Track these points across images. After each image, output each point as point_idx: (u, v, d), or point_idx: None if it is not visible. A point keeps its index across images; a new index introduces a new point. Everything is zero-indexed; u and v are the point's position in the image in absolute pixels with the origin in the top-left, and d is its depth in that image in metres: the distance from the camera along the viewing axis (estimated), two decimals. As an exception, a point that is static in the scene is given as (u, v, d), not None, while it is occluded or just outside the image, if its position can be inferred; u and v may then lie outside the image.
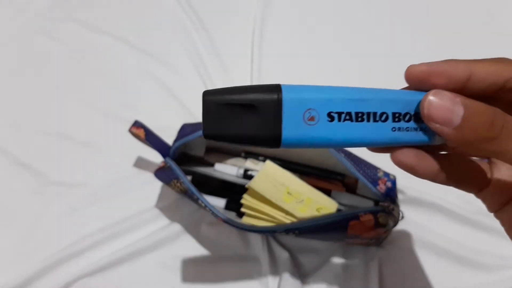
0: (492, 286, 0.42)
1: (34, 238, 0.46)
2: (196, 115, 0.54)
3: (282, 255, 0.43)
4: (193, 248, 0.45)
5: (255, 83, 0.56)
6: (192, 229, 0.46)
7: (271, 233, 0.42)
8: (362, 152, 0.41)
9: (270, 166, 0.42)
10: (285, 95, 0.19)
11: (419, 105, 0.20)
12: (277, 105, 0.19)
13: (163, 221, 0.47)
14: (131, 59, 0.60)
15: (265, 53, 0.59)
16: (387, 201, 0.38)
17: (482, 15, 0.62)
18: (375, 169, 0.40)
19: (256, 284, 0.43)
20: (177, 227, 0.46)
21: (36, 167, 0.50)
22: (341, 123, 0.19)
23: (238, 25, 0.63)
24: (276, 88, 0.19)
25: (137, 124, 0.44)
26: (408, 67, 0.21)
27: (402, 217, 0.39)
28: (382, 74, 0.57)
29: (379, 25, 0.62)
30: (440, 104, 0.19)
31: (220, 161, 0.46)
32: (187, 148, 0.46)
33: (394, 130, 0.20)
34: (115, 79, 0.58)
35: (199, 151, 0.46)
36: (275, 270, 0.43)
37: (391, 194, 0.39)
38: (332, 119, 0.19)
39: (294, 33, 0.62)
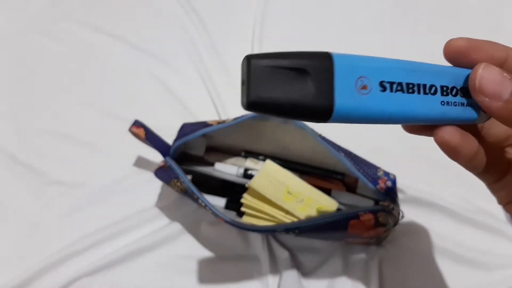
0: (492, 285, 0.42)
1: (34, 237, 0.46)
2: (196, 115, 0.54)
3: (282, 254, 0.43)
4: (193, 248, 0.45)
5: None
6: (192, 229, 0.46)
7: (271, 232, 0.42)
8: (362, 152, 0.41)
9: (270, 166, 0.42)
10: (337, 61, 0.18)
11: (466, 80, 0.20)
12: (330, 71, 0.18)
13: (163, 220, 0.47)
14: (131, 59, 0.60)
15: (265, 51, 0.59)
16: (387, 201, 0.38)
17: (483, 15, 0.62)
18: (375, 168, 0.40)
19: (256, 284, 0.43)
20: (177, 226, 0.46)
21: (36, 167, 0.50)
22: (393, 93, 0.19)
23: (238, 24, 0.63)
24: (326, 55, 0.18)
25: (137, 124, 0.44)
26: (448, 41, 0.20)
27: (402, 217, 0.39)
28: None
29: (380, 25, 0.62)
30: (491, 78, 0.19)
31: (220, 160, 0.46)
32: (187, 148, 0.46)
33: (443, 104, 0.20)
34: (115, 79, 0.58)
35: (199, 151, 0.46)
36: (275, 269, 0.43)
37: (391, 194, 0.39)
38: (384, 88, 0.19)
39: (294, 32, 0.62)
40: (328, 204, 0.41)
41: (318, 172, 0.45)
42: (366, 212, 0.37)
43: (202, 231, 0.46)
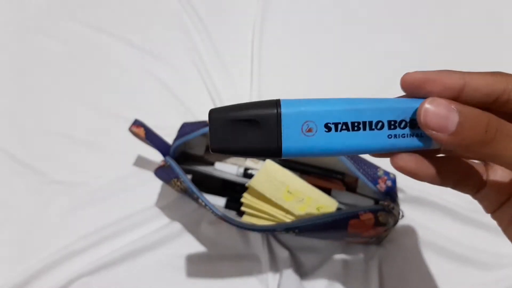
0: (491, 284, 0.42)
1: (34, 237, 0.46)
2: (196, 114, 0.54)
3: (282, 254, 0.44)
4: (193, 247, 0.45)
5: (255, 81, 0.56)
6: (192, 228, 0.46)
7: (271, 232, 0.42)
8: (362, 151, 0.41)
9: (270, 165, 0.42)
10: (284, 110, 0.20)
11: (415, 112, 0.21)
12: (277, 119, 0.20)
13: (163, 220, 0.47)
14: (131, 58, 0.60)
15: (265, 51, 0.59)
16: (387, 200, 0.38)
17: (482, 16, 0.62)
18: (375, 168, 0.40)
19: (256, 283, 0.43)
20: (177, 226, 0.46)
21: (37, 166, 0.51)
22: (338, 133, 0.21)
23: (238, 23, 0.63)
24: (275, 104, 0.21)
25: (137, 123, 0.44)
26: (404, 75, 0.21)
27: (402, 216, 0.39)
28: (382, 69, 0.57)
29: (378, 19, 0.62)
30: (436, 112, 0.20)
31: (220, 160, 0.46)
32: (187, 147, 0.46)
33: (390, 137, 0.21)
34: (115, 78, 0.58)
35: (199, 150, 0.46)
36: (275, 268, 0.43)
37: (391, 193, 0.39)
38: (329, 129, 0.21)
39: (294, 31, 0.62)
40: (328, 203, 0.41)
41: (318, 172, 0.45)
42: (366, 212, 0.37)
43: (202, 230, 0.46)
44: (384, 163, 0.41)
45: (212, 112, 0.22)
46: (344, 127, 0.21)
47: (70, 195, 0.49)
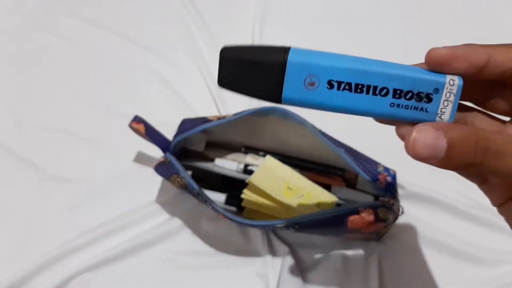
0: (492, 281, 0.42)
1: (34, 233, 0.46)
2: (196, 110, 0.54)
3: (282, 249, 0.44)
4: (193, 243, 0.45)
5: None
6: (193, 224, 0.46)
7: (271, 228, 0.42)
8: (362, 147, 0.41)
9: (270, 161, 0.42)
10: (291, 58, 0.20)
11: (423, 85, 0.20)
12: (282, 67, 0.20)
13: (163, 216, 0.47)
14: (131, 55, 0.60)
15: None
16: (387, 196, 0.38)
17: (482, 10, 0.62)
18: (375, 164, 0.40)
19: (256, 279, 0.43)
20: (177, 222, 0.46)
21: (36, 162, 0.50)
22: (339, 91, 0.20)
23: (238, 19, 0.62)
24: (284, 50, 0.21)
25: (137, 119, 0.44)
26: (429, 51, 0.21)
27: (402, 212, 0.39)
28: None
29: (380, 19, 0.62)
30: (424, 143, 0.20)
31: (220, 156, 0.46)
32: (187, 143, 0.46)
33: (393, 106, 0.21)
34: (115, 74, 0.58)
35: (199, 146, 0.46)
36: (275, 264, 0.43)
37: (391, 189, 0.39)
38: (331, 86, 0.20)
39: (294, 27, 0.62)
40: (328, 199, 0.41)
41: (318, 168, 0.45)
42: (366, 208, 0.37)
43: (202, 226, 0.46)
44: (384, 159, 0.41)
45: (224, 51, 0.22)
46: (347, 87, 0.20)
47: (70, 191, 0.49)
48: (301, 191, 0.41)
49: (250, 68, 0.21)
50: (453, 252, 0.44)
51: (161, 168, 0.43)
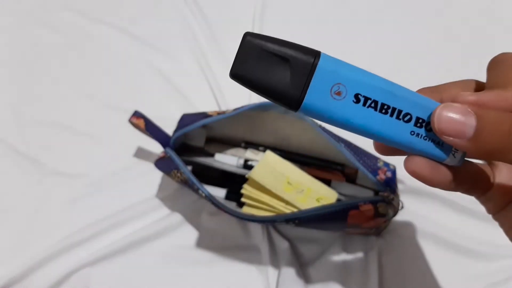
0: (491, 275, 0.43)
1: (34, 228, 0.46)
2: (196, 105, 0.54)
3: (282, 244, 0.44)
4: (194, 238, 0.45)
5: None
6: (193, 219, 0.46)
7: (271, 222, 0.42)
8: (362, 143, 0.41)
9: (270, 156, 0.42)
10: (322, 63, 0.19)
11: None
12: (311, 68, 0.19)
13: (164, 211, 0.47)
14: (131, 50, 0.59)
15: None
16: (387, 191, 0.38)
17: (482, 8, 0.61)
18: (375, 159, 0.40)
19: (256, 273, 0.43)
20: (177, 217, 0.46)
21: (36, 158, 0.51)
22: (364, 108, 0.20)
23: (239, 15, 0.62)
24: (315, 53, 0.19)
25: (137, 114, 0.44)
26: (457, 97, 0.20)
27: (402, 207, 0.39)
28: (384, 62, 0.57)
29: (380, 11, 0.62)
30: (450, 117, 0.19)
31: (220, 151, 0.46)
32: (187, 138, 0.46)
33: (413, 134, 0.20)
34: (114, 69, 0.58)
35: (199, 141, 0.46)
36: (275, 259, 0.43)
37: (391, 184, 0.39)
38: (358, 101, 0.19)
39: (294, 21, 0.62)
40: (328, 194, 0.41)
41: (318, 163, 0.45)
42: (366, 203, 0.37)
43: (202, 221, 0.46)
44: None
45: (247, 35, 0.20)
46: (373, 104, 0.19)
47: (70, 186, 0.49)
48: (301, 186, 0.41)
49: (274, 61, 0.19)
50: (452, 247, 0.44)
51: (161, 163, 0.43)
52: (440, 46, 0.58)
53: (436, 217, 0.46)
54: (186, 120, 0.43)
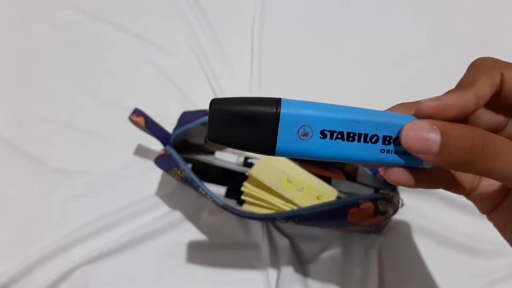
0: (491, 273, 0.43)
1: (34, 226, 0.46)
2: (196, 103, 0.54)
3: (282, 242, 0.44)
4: (194, 236, 0.45)
5: (255, 71, 0.56)
6: (193, 217, 0.46)
7: (271, 220, 0.42)
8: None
9: (270, 154, 0.42)
10: (283, 111, 0.20)
11: None
12: (275, 119, 0.20)
13: (164, 208, 0.47)
14: (131, 47, 0.59)
15: (265, 39, 0.59)
16: (387, 189, 0.38)
17: (483, 8, 0.61)
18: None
19: (256, 271, 0.43)
20: (177, 214, 0.46)
21: (36, 155, 0.50)
22: (332, 141, 0.21)
23: (238, 12, 0.62)
24: (276, 102, 0.21)
25: (137, 112, 0.44)
26: (419, 105, 0.21)
27: (402, 205, 0.39)
28: (384, 59, 0.57)
29: (381, 8, 0.62)
30: (416, 135, 0.20)
31: (221, 149, 0.46)
32: (187, 136, 0.46)
33: (383, 152, 0.21)
34: (115, 67, 0.58)
35: (200, 139, 0.46)
36: (275, 257, 0.43)
37: (391, 182, 0.39)
38: (324, 136, 0.21)
39: (294, 18, 0.62)
40: (328, 192, 0.41)
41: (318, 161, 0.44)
42: (366, 200, 0.37)
43: (202, 219, 0.46)
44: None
45: (213, 103, 0.22)
46: (339, 136, 0.21)
47: (70, 184, 0.49)
48: (301, 184, 0.41)
49: (242, 121, 0.21)
50: (452, 245, 0.44)
51: (161, 161, 0.43)
52: (440, 46, 0.58)
53: (436, 214, 0.46)
54: (186, 117, 0.43)
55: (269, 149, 0.21)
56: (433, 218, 0.45)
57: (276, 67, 0.57)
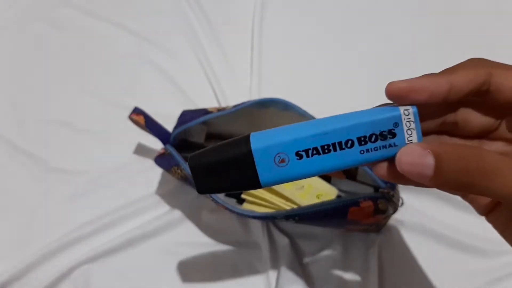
0: (491, 271, 0.43)
1: (35, 225, 0.46)
2: (196, 102, 0.54)
3: (282, 241, 0.44)
4: (194, 235, 0.45)
5: (255, 69, 0.56)
6: (193, 216, 0.46)
7: (271, 219, 0.42)
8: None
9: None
10: (254, 146, 0.21)
11: (383, 124, 0.21)
12: (249, 157, 0.21)
13: (164, 207, 0.47)
14: (131, 46, 0.59)
15: (265, 38, 0.59)
16: (387, 188, 0.38)
17: (483, 8, 0.61)
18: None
19: (256, 270, 0.43)
20: (177, 213, 0.46)
21: (37, 154, 0.50)
22: (310, 158, 0.21)
23: (238, 10, 0.62)
24: (245, 141, 0.21)
25: (137, 111, 0.44)
26: (388, 85, 0.21)
27: (402, 204, 0.39)
28: (384, 58, 0.57)
29: (380, 8, 0.62)
30: (409, 161, 0.19)
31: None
32: (187, 135, 0.46)
33: (363, 153, 0.21)
34: (114, 66, 0.58)
35: (199, 138, 0.46)
36: (275, 256, 0.43)
37: (391, 181, 0.39)
38: (301, 157, 0.21)
39: (294, 17, 0.62)
40: (328, 191, 0.41)
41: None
42: (366, 199, 0.37)
43: (202, 218, 0.46)
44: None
45: (191, 160, 0.23)
46: (314, 152, 0.21)
47: (70, 183, 0.49)
48: (301, 183, 0.41)
49: (221, 167, 0.22)
50: (452, 243, 0.44)
51: (161, 159, 0.43)
52: (440, 46, 0.58)
53: (436, 213, 0.46)
54: (186, 116, 0.43)
55: (255, 184, 0.22)
56: (433, 216, 0.45)
57: (276, 67, 0.57)
